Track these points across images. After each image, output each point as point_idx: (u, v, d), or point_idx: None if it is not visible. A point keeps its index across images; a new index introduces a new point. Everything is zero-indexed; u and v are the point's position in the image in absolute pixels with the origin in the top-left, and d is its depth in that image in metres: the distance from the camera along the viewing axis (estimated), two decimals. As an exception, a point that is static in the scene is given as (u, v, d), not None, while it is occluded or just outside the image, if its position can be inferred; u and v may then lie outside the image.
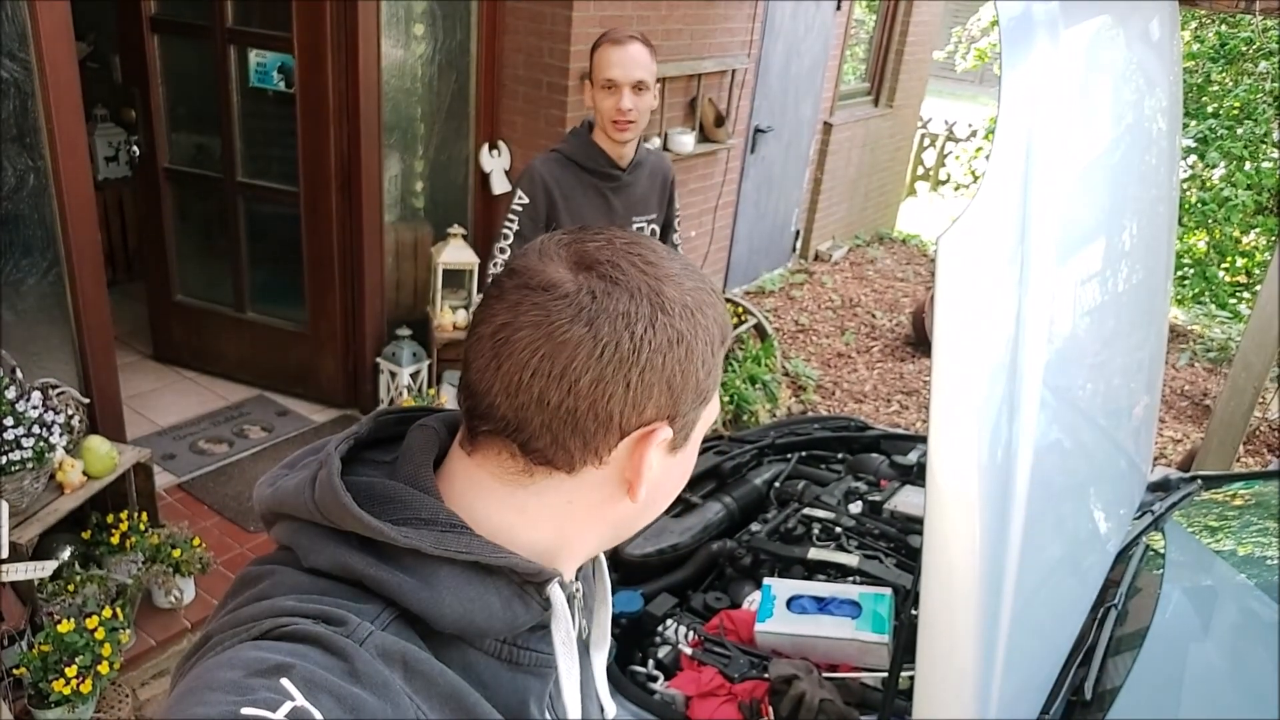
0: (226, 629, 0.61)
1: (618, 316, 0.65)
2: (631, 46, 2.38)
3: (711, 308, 0.71)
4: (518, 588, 0.69)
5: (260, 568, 0.68)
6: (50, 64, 2.60)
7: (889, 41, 7.31)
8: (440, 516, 0.68)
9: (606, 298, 0.66)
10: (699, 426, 0.74)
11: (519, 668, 0.71)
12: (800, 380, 5.28)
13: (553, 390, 0.65)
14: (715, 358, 0.71)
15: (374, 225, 3.88)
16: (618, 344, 0.65)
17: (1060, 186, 1.36)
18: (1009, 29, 1.24)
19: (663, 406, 0.68)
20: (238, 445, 3.78)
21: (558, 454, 0.68)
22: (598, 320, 0.65)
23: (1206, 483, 2.38)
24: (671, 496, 0.77)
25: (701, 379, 0.70)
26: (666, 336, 0.67)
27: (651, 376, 0.67)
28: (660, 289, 0.68)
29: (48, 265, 2.78)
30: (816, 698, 1.80)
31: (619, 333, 0.65)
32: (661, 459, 0.71)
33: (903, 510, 2.44)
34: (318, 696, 0.54)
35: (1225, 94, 6.85)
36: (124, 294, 4.65)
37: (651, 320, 0.66)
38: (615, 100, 2.40)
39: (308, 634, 0.59)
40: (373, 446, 0.76)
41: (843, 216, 7.54)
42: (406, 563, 0.65)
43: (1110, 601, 1.73)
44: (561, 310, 0.65)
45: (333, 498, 0.65)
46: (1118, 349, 1.89)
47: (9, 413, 2.39)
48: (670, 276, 0.69)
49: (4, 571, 2.31)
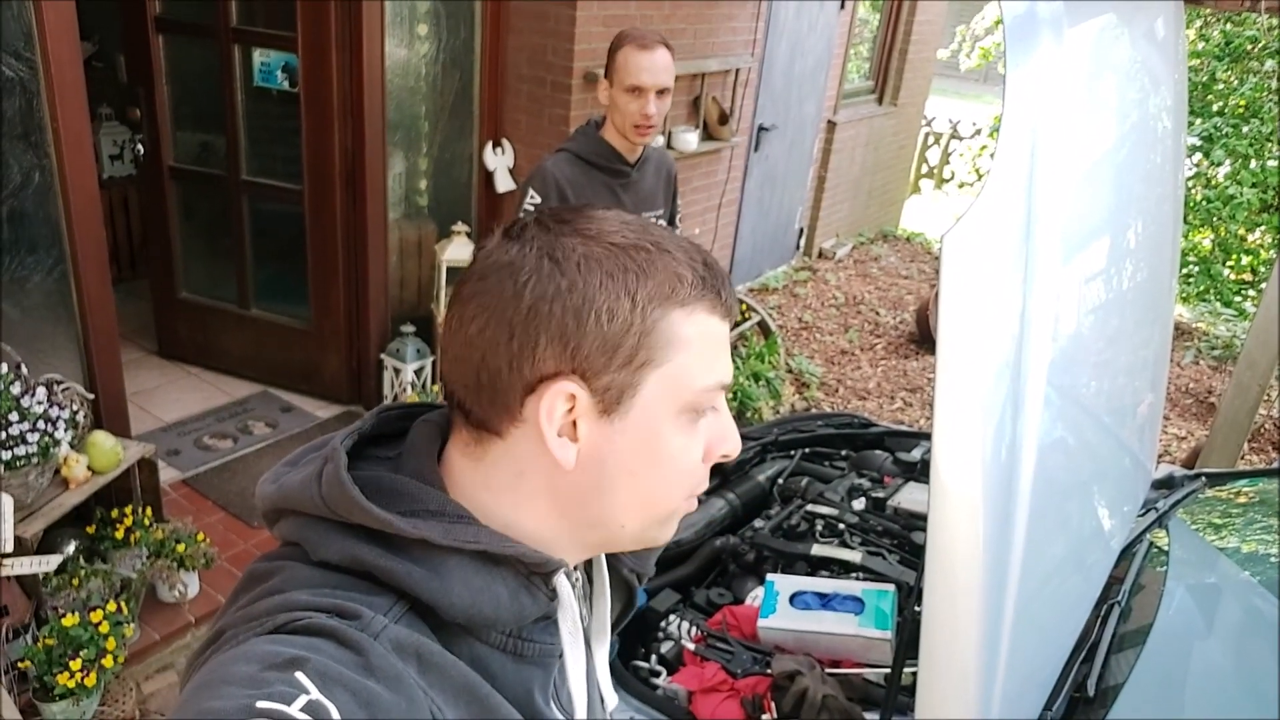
0: (240, 623, 0.62)
1: (504, 266, 0.67)
2: (658, 52, 2.39)
3: (647, 264, 0.67)
4: (524, 578, 0.69)
5: (269, 564, 0.68)
6: (55, 63, 2.61)
7: (893, 40, 7.30)
8: (448, 508, 0.68)
9: (501, 252, 0.68)
10: (647, 394, 0.68)
11: (523, 659, 0.71)
12: (804, 377, 5.28)
13: (459, 345, 0.68)
14: (644, 314, 0.66)
15: (378, 223, 3.89)
16: (500, 291, 0.67)
17: (1065, 184, 1.36)
18: (1013, 27, 1.24)
19: (561, 359, 0.66)
20: (242, 441, 3.79)
21: (484, 415, 0.69)
22: (489, 275, 0.68)
23: (1211, 480, 2.38)
24: (643, 479, 0.71)
25: (612, 333, 0.66)
26: (555, 284, 0.65)
27: (536, 324, 0.65)
28: (558, 241, 0.67)
29: (53, 262, 2.79)
30: (819, 693, 1.80)
31: (502, 281, 0.67)
32: (594, 424, 0.68)
33: (906, 507, 2.44)
34: (333, 690, 0.54)
35: (1230, 92, 6.85)
36: (129, 291, 4.66)
37: (536, 268, 0.66)
38: (641, 105, 2.41)
39: (322, 628, 0.59)
40: (376, 442, 0.76)
41: (846, 214, 7.54)
42: (415, 553, 0.65)
43: (1114, 598, 1.73)
44: (472, 273, 0.69)
45: (340, 491, 0.65)
46: (1122, 347, 1.89)
47: (14, 408, 2.40)
48: (583, 231, 0.68)
49: (9, 565, 2.32)
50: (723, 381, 0.72)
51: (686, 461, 0.72)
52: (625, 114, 2.43)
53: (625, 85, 2.40)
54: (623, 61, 2.39)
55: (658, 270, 0.67)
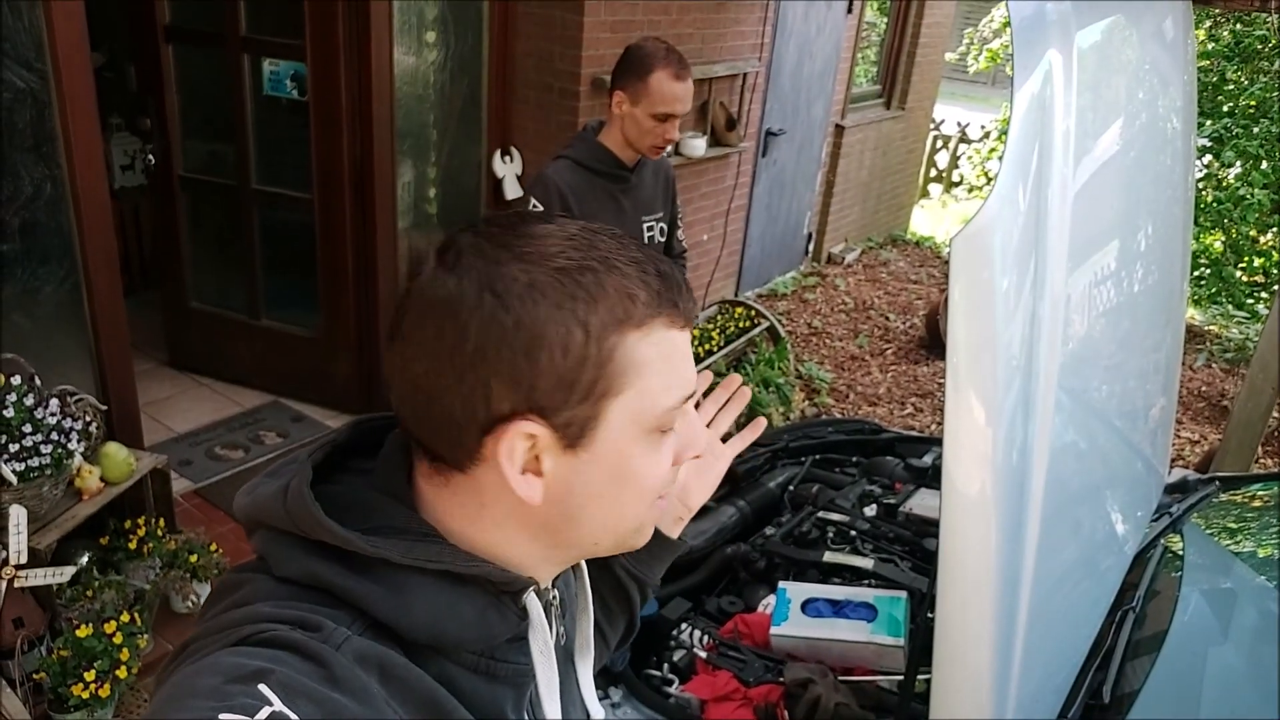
0: (207, 635, 0.62)
1: (442, 304, 0.63)
2: (689, 81, 2.42)
3: (597, 288, 0.63)
4: (493, 598, 0.68)
5: (239, 575, 0.68)
6: (66, 73, 2.62)
7: (900, 43, 7.29)
8: (413, 525, 0.68)
9: (437, 286, 0.63)
10: (614, 423, 0.65)
11: (496, 679, 0.70)
12: (814, 383, 5.27)
13: (405, 386, 0.66)
14: (599, 343, 0.63)
15: (387, 231, 3.90)
16: (441, 333, 0.63)
17: (1074, 187, 1.35)
18: (1021, 29, 1.24)
19: (517, 399, 0.63)
20: (253, 451, 3.80)
21: (442, 452, 0.67)
22: (428, 313, 0.63)
23: (1225, 484, 2.37)
24: (619, 504, 0.69)
25: (567, 368, 0.62)
26: (500, 324, 0.61)
27: (484, 369, 0.62)
28: (498, 272, 0.62)
29: (65, 273, 2.80)
30: (832, 701, 1.80)
31: (442, 322, 0.63)
32: (559, 459, 0.65)
33: (918, 513, 2.43)
34: (296, 702, 0.54)
35: (1241, 92, 6.82)
36: (140, 301, 4.68)
37: (478, 304, 0.61)
38: (665, 130, 2.43)
39: (285, 640, 0.59)
40: (357, 453, 0.75)
41: (855, 219, 7.52)
42: (377, 572, 0.64)
43: (1128, 604, 1.72)
44: (410, 306, 0.65)
45: (302, 506, 0.65)
46: (1134, 350, 1.88)
47: (28, 419, 2.41)
48: (528, 255, 0.63)
49: (24, 577, 2.32)
50: (686, 394, 0.69)
51: (656, 477, 0.70)
52: (645, 133, 2.44)
53: (654, 111, 2.40)
54: (656, 88, 2.38)
55: (608, 292, 0.63)
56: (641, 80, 2.39)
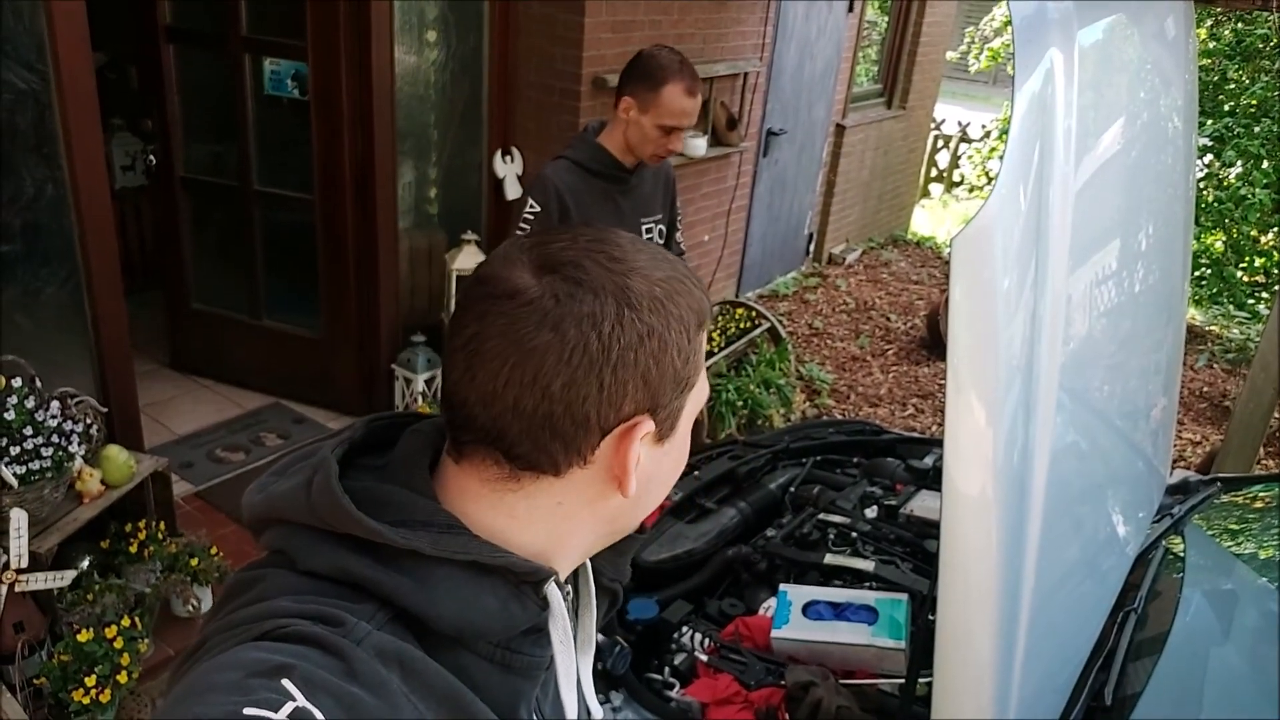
0: (223, 631, 0.62)
1: (583, 318, 0.65)
2: (699, 97, 2.43)
3: (685, 294, 0.70)
4: (514, 588, 0.69)
5: (253, 572, 0.68)
6: (68, 74, 2.62)
7: (901, 42, 7.29)
8: (437, 518, 0.68)
9: (570, 300, 0.65)
10: (686, 413, 0.74)
11: (510, 670, 0.71)
12: (815, 384, 5.27)
13: (527, 397, 0.65)
14: (692, 344, 0.71)
15: (388, 232, 3.89)
16: (585, 346, 0.65)
17: (1075, 186, 1.35)
18: (1022, 28, 1.24)
19: (641, 401, 0.68)
20: (255, 453, 3.80)
21: (541, 459, 0.68)
22: (563, 324, 0.65)
23: (1226, 485, 2.36)
24: (667, 486, 0.77)
25: (679, 368, 0.70)
26: (636, 332, 0.66)
27: (625, 374, 0.66)
28: (626, 284, 0.67)
29: (66, 274, 2.80)
30: (833, 704, 1.79)
31: (586, 334, 0.65)
32: (649, 451, 0.72)
33: (919, 515, 2.42)
34: (318, 697, 0.54)
35: (1242, 91, 6.81)
36: (141, 303, 4.67)
37: (618, 318, 0.66)
38: (670, 141, 2.44)
39: (306, 635, 0.59)
40: (365, 451, 0.76)
41: (856, 219, 7.52)
42: (404, 564, 0.65)
43: (1129, 605, 1.72)
44: (527, 317, 0.65)
45: (330, 500, 0.65)
46: (1135, 350, 1.88)
47: (28, 422, 2.40)
48: (637, 270, 0.68)
49: (25, 581, 2.32)
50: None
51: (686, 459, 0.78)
52: (649, 142, 2.44)
53: (662, 122, 2.40)
54: (667, 100, 2.38)
55: (693, 299, 0.71)
56: (653, 91, 2.39)
